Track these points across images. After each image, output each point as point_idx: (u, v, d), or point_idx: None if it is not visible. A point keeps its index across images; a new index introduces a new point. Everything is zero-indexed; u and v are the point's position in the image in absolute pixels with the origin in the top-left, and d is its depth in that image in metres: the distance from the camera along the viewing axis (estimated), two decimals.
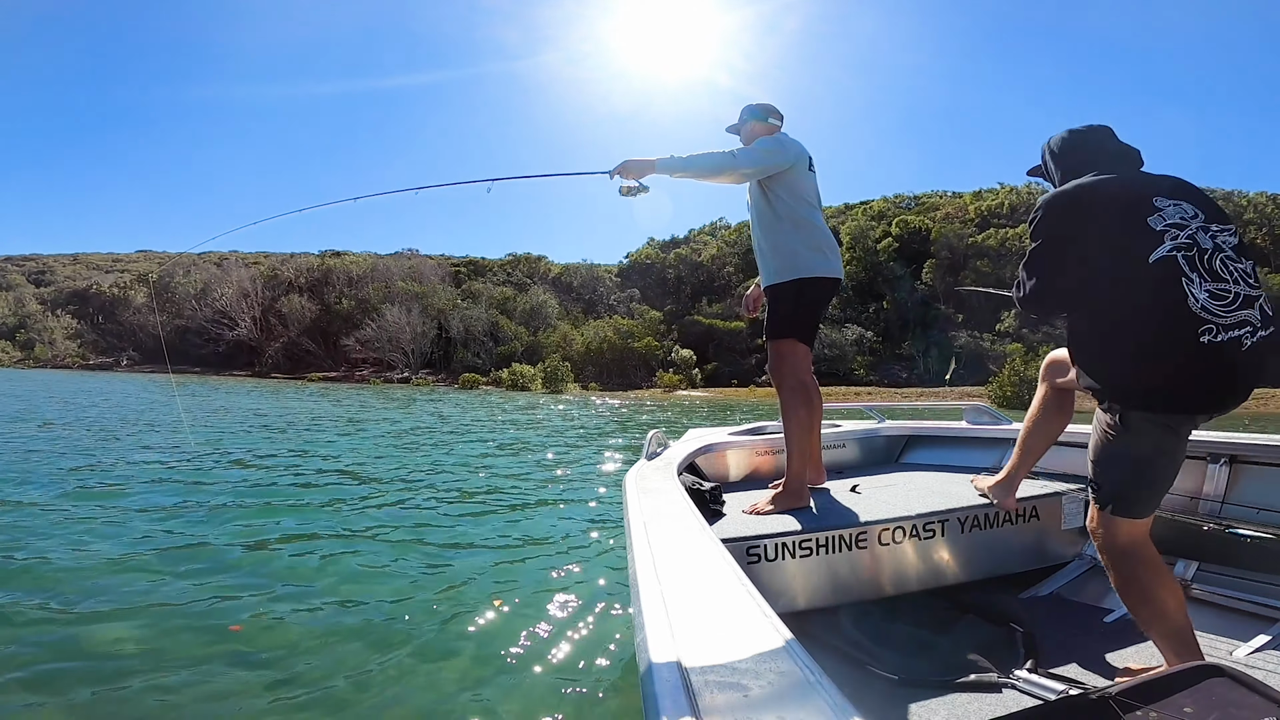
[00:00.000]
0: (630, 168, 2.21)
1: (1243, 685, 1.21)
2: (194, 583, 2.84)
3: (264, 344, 57.91)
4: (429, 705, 1.94)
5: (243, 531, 3.75)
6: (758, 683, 0.65)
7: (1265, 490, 2.06)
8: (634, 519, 1.48)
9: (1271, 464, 2.07)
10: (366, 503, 4.70)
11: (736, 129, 2.51)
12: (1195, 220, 1.36)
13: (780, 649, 0.73)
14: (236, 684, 2.03)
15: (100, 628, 2.36)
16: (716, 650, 0.74)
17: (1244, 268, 1.34)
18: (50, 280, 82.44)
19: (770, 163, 2.23)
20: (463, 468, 6.61)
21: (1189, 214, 1.36)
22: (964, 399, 34.16)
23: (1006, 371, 29.55)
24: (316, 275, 63.96)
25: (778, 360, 2.31)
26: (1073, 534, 2.29)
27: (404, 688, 2.03)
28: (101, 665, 2.10)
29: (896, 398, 33.67)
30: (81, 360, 59.14)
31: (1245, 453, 2.12)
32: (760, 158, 2.21)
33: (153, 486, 4.97)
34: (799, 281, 2.25)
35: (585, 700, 1.96)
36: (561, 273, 67.72)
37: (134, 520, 3.89)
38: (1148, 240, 1.33)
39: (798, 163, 2.27)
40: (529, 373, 41.08)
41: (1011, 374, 29.13)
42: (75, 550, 3.25)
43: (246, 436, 8.83)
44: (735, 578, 1.00)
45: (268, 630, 2.41)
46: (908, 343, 44.96)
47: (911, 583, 2.00)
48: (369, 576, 3.04)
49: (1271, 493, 2.04)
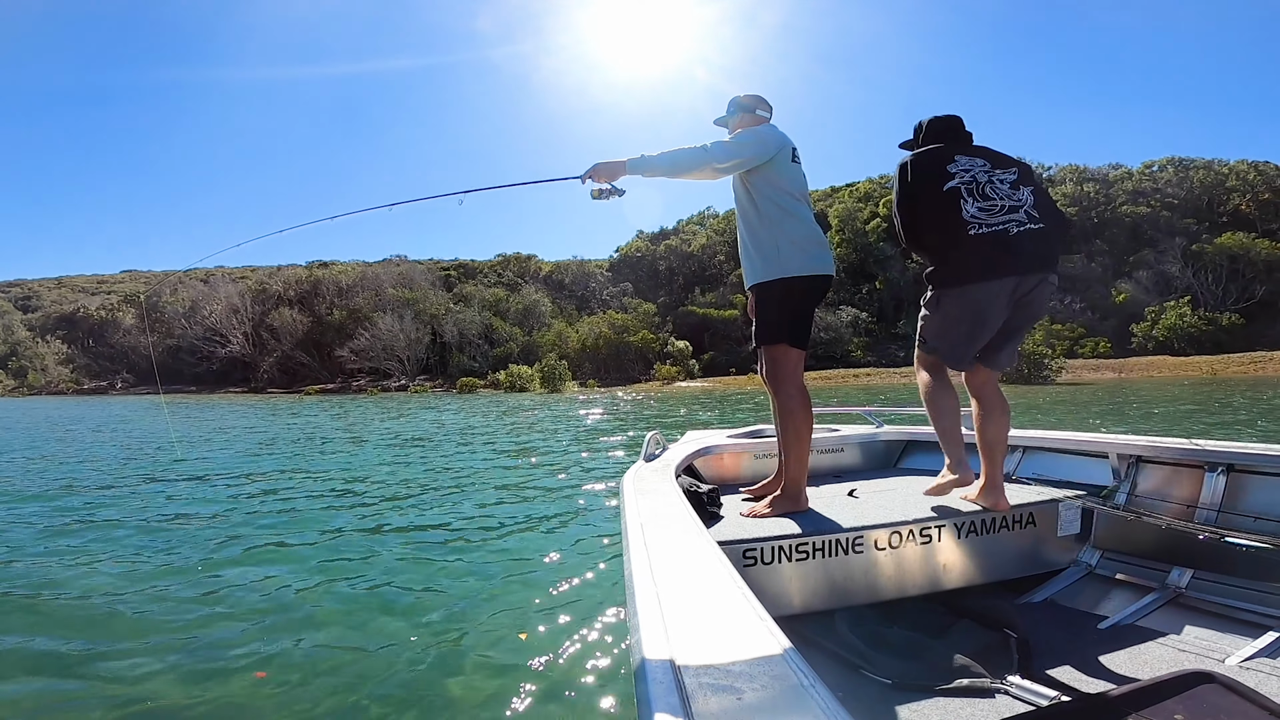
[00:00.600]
0: (601, 170, 2.12)
1: (1234, 692, 1.24)
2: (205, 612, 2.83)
3: (257, 359, 57.56)
4: (428, 705, 1.98)
5: (243, 558, 3.72)
6: (751, 686, 0.66)
7: (1262, 499, 2.07)
8: (631, 520, 1.47)
9: (1268, 473, 2.08)
10: (366, 514, 4.67)
11: (724, 121, 2.42)
12: (980, 167, 2.08)
13: (775, 652, 0.73)
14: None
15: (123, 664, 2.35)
16: (711, 653, 0.73)
17: (1012, 191, 2.06)
18: (37, 305, 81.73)
19: (745, 155, 2.14)
20: (463, 474, 6.60)
21: (978, 165, 2.09)
22: (958, 376, 34.19)
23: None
24: (305, 287, 63.55)
25: (772, 366, 2.23)
26: (1068, 540, 2.31)
27: (403, 688, 2.08)
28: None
29: (896, 377, 33.75)
30: (76, 385, 58.62)
31: (1242, 461, 2.13)
32: (734, 151, 2.13)
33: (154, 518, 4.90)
34: (785, 281, 2.15)
35: (581, 701, 1.97)
36: (552, 271, 67.54)
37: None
38: (944, 180, 2.08)
39: (779, 154, 2.18)
40: (527, 373, 41.00)
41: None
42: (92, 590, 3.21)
43: (253, 460, 8.76)
44: (731, 581, 0.99)
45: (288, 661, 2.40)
46: (903, 322, 45.12)
47: (907, 587, 2.01)
48: (370, 598, 3.06)
49: (1268, 501, 2.05)
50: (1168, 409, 13.42)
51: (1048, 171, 57.90)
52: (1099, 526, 2.33)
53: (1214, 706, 1.19)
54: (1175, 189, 50.51)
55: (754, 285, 2.24)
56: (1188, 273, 43.47)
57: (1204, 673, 1.29)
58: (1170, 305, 40.16)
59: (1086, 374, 31.75)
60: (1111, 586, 2.18)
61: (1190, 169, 52.36)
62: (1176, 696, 1.22)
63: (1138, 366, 33.72)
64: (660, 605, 0.89)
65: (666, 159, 2.09)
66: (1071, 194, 51.16)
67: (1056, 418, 12.26)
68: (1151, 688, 1.26)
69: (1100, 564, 2.29)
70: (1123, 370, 32.82)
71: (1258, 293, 41.06)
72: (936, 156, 2.14)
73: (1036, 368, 28.16)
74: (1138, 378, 29.61)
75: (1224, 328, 38.27)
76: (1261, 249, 41.68)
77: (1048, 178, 56.84)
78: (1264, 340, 35.97)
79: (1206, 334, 37.62)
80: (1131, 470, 2.42)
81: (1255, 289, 41.27)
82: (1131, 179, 53.29)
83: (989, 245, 1.99)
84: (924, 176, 2.12)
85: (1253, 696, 1.22)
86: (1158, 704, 1.19)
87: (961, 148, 2.17)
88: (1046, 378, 28.16)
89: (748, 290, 2.30)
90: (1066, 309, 43.07)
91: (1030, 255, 2.00)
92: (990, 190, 2.05)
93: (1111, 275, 45.63)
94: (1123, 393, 19.51)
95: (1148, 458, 2.38)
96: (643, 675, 0.70)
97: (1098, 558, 2.31)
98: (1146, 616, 1.97)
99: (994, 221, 2.01)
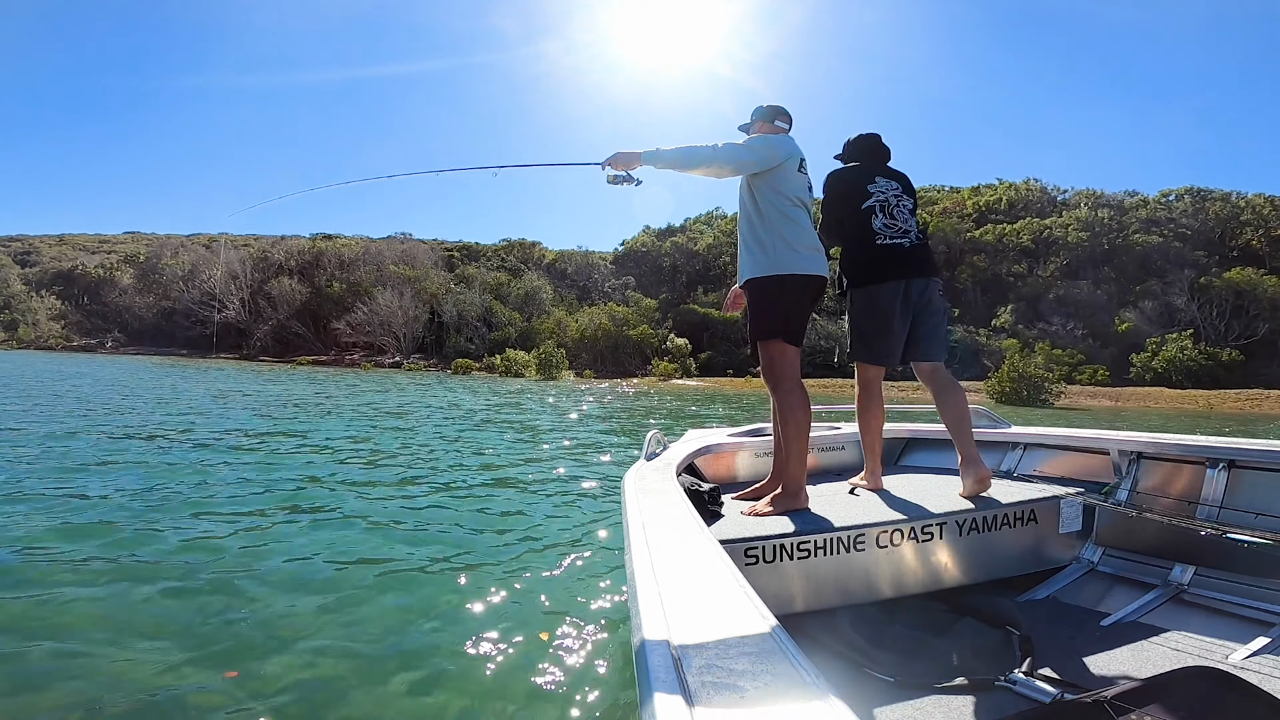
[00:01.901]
0: (619, 159, 2.27)
1: (1236, 689, 1.24)
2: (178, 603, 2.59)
3: (252, 326, 57.24)
4: (425, 705, 1.90)
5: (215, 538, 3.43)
6: (754, 684, 0.66)
7: (1263, 495, 2.06)
8: (632, 519, 1.45)
9: (1269, 469, 2.08)
10: (357, 496, 4.42)
11: (747, 127, 2.52)
12: (892, 190, 2.52)
13: (777, 651, 0.73)
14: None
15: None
16: (713, 651, 0.74)
17: (909, 216, 2.51)
18: (35, 261, 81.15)
19: (752, 158, 2.24)
20: (461, 462, 6.39)
21: (892, 187, 2.52)
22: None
23: (1006, 368, 29.18)
24: (307, 258, 63.17)
25: (770, 363, 2.27)
26: (1070, 538, 2.31)
27: (399, 689, 1.98)
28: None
29: (893, 391, 33.56)
30: (65, 341, 58.24)
31: (1243, 458, 2.13)
32: (742, 153, 2.22)
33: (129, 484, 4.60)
34: (780, 277, 2.22)
35: (582, 700, 1.94)
36: (556, 259, 67.19)
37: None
38: (863, 198, 2.50)
39: (787, 162, 2.28)
40: (523, 359, 40.73)
41: (1010, 370, 28.78)
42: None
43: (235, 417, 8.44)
44: (733, 579, 1.00)
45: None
46: None
47: (909, 585, 2.00)
48: (362, 586, 2.88)
49: (1269, 497, 2.04)
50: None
51: (1064, 195, 57.62)
52: (1100, 523, 2.34)
53: (1216, 703, 1.18)
54: (1190, 219, 50.18)
55: (749, 280, 2.29)
56: (1192, 306, 43.24)
57: (1206, 669, 1.29)
58: (1172, 337, 39.91)
59: (1083, 400, 31.55)
60: (1113, 583, 2.19)
61: (1208, 200, 52.03)
62: (1179, 694, 1.22)
63: (1134, 396, 33.52)
64: (662, 603, 0.89)
65: (678, 153, 2.21)
66: (1084, 219, 50.90)
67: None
68: (1154, 685, 1.26)
69: (1102, 561, 2.30)
70: (1119, 399, 32.62)
71: (1260, 330, 40.83)
72: (862, 172, 2.58)
73: (1036, 390, 27.91)
74: (1134, 407, 29.40)
75: (1223, 363, 38.00)
76: (1269, 286, 41.47)
77: (1062, 201, 56.59)
78: (1260, 378, 35.75)
79: (1205, 369, 37.39)
80: (1133, 467, 2.42)
81: (1258, 326, 41.04)
82: (1147, 207, 53.00)
83: (888, 253, 2.45)
84: (849, 189, 2.54)
85: (1255, 693, 1.21)
86: (1160, 701, 1.19)
87: (880, 168, 2.60)
88: (1045, 400, 27.91)
89: (742, 287, 2.38)
90: (1069, 335, 42.87)
91: (919, 263, 2.46)
92: (895, 211, 2.50)
93: (1116, 304, 45.42)
94: (1122, 418, 19.31)
95: (1149, 454, 2.39)
96: (645, 673, 0.71)
97: (1099, 555, 2.32)
98: (1148, 614, 1.97)
99: (894, 237, 2.46)
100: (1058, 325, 44.35)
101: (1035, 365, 29.35)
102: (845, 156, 2.70)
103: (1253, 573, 1.94)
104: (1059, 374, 31.01)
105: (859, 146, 2.67)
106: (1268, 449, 2.07)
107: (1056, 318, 45.05)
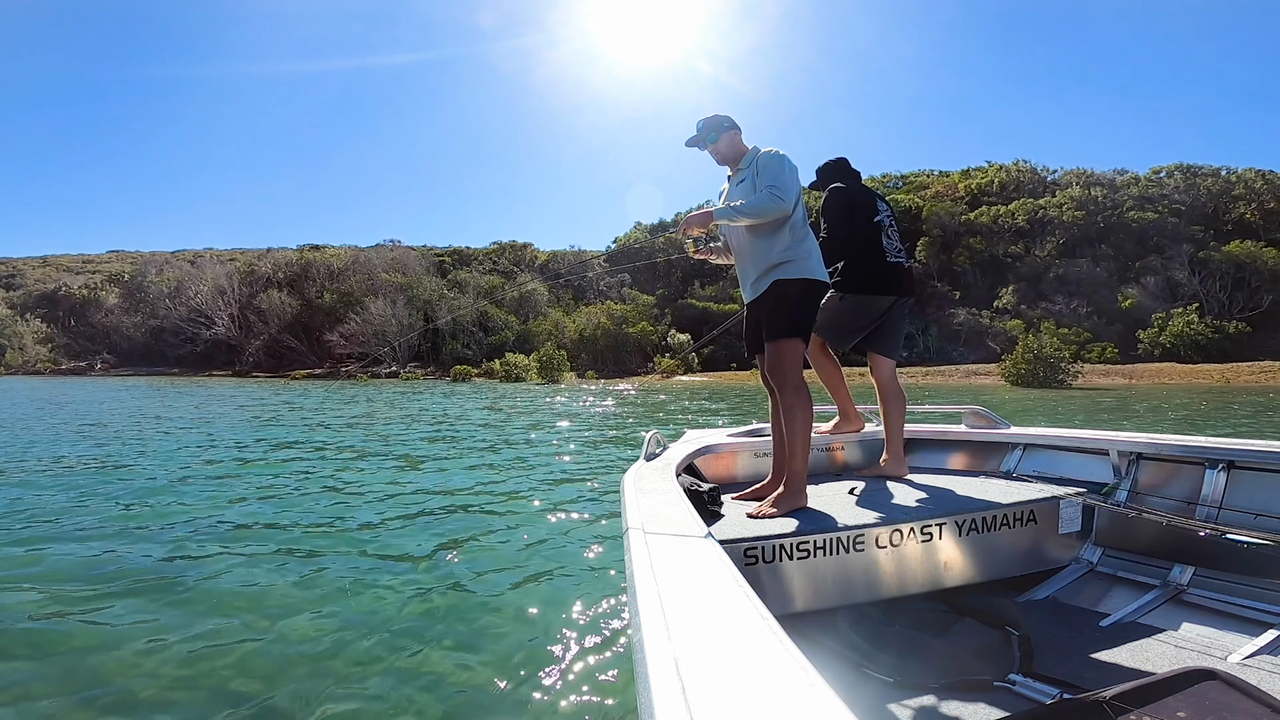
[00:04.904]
0: (693, 223, 2.38)
1: (1236, 690, 1.23)
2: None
3: (244, 342, 56.14)
4: (426, 705, 1.91)
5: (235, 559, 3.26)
6: (754, 685, 0.66)
7: (1262, 495, 2.07)
8: (632, 519, 1.43)
9: (1268, 469, 2.08)
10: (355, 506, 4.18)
11: (701, 143, 2.49)
12: (886, 213, 2.83)
13: (777, 651, 0.73)
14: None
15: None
16: (713, 652, 0.74)
17: (898, 236, 2.83)
18: (19, 284, 79.63)
19: (796, 187, 2.33)
20: (461, 467, 6.37)
21: (886, 209, 2.84)
22: (971, 377, 33.79)
23: (1020, 349, 28.39)
24: (296, 270, 62.07)
25: (779, 360, 2.29)
26: (1069, 538, 2.32)
27: (397, 689, 2.01)
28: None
29: (901, 377, 32.95)
30: (54, 365, 56.97)
31: (1242, 458, 2.13)
32: (790, 187, 2.29)
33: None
34: (808, 281, 2.29)
35: (581, 700, 1.95)
36: (549, 259, 66.47)
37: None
38: (874, 214, 2.78)
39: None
40: (523, 362, 39.99)
41: (1025, 351, 27.97)
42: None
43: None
44: (732, 579, 1.00)
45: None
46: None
47: (908, 586, 2.00)
48: (360, 582, 2.98)
49: (1268, 498, 2.05)
50: (1211, 414, 12.67)
51: (1053, 175, 57.38)
52: (1100, 524, 2.34)
53: (1216, 704, 1.19)
54: (1183, 195, 49.88)
55: (778, 281, 2.31)
56: (1194, 280, 42.96)
57: (1206, 670, 1.30)
58: (1177, 312, 39.60)
59: (1096, 379, 31.14)
60: (1113, 584, 2.19)
61: (1198, 176, 51.77)
62: (1178, 694, 1.23)
63: (1147, 373, 33.15)
64: (662, 604, 0.89)
65: (747, 208, 2.25)
66: (1078, 197, 50.58)
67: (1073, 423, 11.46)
68: (1153, 685, 1.28)
69: (1101, 561, 2.30)
70: (1133, 376, 32.23)
71: (1264, 302, 40.57)
72: (868, 192, 2.82)
73: (1053, 371, 27.29)
74: (1148, 384, 28.98)
75: (1230, 336, 37.75)
76: (1269, 257, 41.27)
77: (1053, 181, 56.34)
78: (1269, 349, 35.48)
79: (1213, 342, 37.14)
80: (1132, 467, 2.43)
81: (1262, 298, 40.78)
82: (1139, 184, 52.64)
83: (892, 271, 2.74)
84: (865, 204, 2.78)
85: (1254, 694, 1.22)
86: (1159, 701, 1.20)
87: (871, 190, 2.84)
88: (1063, 381, 27.28)
89: (767, 286, 2.34)
90: (1073, 313, 42.54)
91: (910, 282, 2.81)
92: (892, 233, 2.80)
93: (1117, 280, 45.08)
94: (1150, 396, 18.83)
95: (1148, 455, 2.39)
96: (644, 673, 0.70)
97: (1099, 555, 2.32)
98: (1148, 614, 1.98)
99: (896, 256, 2.76)
100: (1061, 304, 44.00)
101: (1052, 346, 28.56)
102: (824, 181, 2.91)
103: (1252, 573, 1.95)
104: (1069, 352, 30.54)
105: (839, 170, 2.92)
106: (1267, 449, 2.08)
107: (1059, 296, 44.69)
